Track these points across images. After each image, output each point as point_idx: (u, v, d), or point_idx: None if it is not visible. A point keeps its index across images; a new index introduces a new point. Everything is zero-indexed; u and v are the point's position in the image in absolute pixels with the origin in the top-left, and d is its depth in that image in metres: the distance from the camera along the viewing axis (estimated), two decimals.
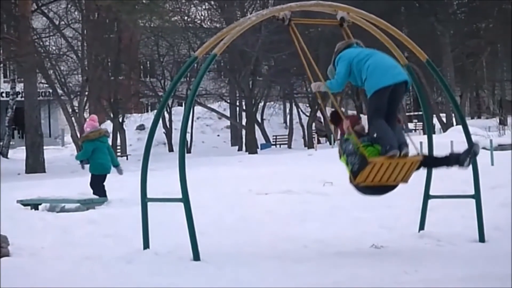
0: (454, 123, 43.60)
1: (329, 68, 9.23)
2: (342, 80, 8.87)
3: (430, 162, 9.10)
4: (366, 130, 8.96)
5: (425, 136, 10.43)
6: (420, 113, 57.10)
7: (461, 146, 13.07)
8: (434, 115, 46.23)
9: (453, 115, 45.21)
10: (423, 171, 9.36)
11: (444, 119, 47.14)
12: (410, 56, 22.68)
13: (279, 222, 11.02)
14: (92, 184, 15.36)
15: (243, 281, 7.48)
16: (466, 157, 8.88)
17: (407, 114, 65.63)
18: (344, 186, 15.20)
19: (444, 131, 39.93)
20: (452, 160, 8.97)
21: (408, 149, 8.77)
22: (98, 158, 15.34)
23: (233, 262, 8.33)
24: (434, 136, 10.67)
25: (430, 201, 10.07)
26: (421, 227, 9.98)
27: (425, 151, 9.94)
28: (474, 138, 9.75)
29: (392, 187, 9.00)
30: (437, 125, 47.07)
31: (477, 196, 9.62)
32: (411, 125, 64.69)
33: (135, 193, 11.94)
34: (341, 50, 9.08)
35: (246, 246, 9.40)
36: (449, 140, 19.78)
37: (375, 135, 8.77)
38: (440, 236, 9.57)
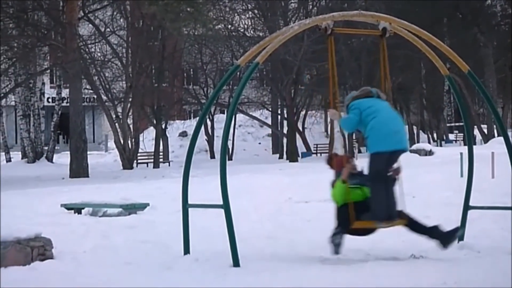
0: (496, 134, 43.25)
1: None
2: (354, 126, 9.20)
3: (412, 226, 9.20)
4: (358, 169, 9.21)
5: (466, 147, 10.40)
6: (461, 124, 56.85)
7: (502, 157, 12.99)
8: (475, 126, 45.90)
9: (494, 126, 44.84)
10: (463, 182, 9.31)
11: (485, 130, 46.76)
12: (452, 67, 22.62)
13: (318, 230, 11.03)
14: None
15: None
16: (449, 242, 9.06)
17: (448, 125, 65.25)
18: None
19: (485, 142, 39.64)
20: (435, 235, 9.11)
21: (397, 219, 8.99)
22: None
23: (272, 269, 8.36)
24: (475, 147, 10.63)
25: (469, 213, 10.04)
26: (461, 238, 9.93)
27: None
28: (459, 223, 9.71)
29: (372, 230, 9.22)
30: (478, 136, 46.65)
31: None
32: (451, 136, 64.28)
33: (176, 199, 12.06)
34: (357, 97, 9.29)
35: (285, 254, 9.44)
36: (490, 152, 19.61)
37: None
38: (479, 248, 9.50)
